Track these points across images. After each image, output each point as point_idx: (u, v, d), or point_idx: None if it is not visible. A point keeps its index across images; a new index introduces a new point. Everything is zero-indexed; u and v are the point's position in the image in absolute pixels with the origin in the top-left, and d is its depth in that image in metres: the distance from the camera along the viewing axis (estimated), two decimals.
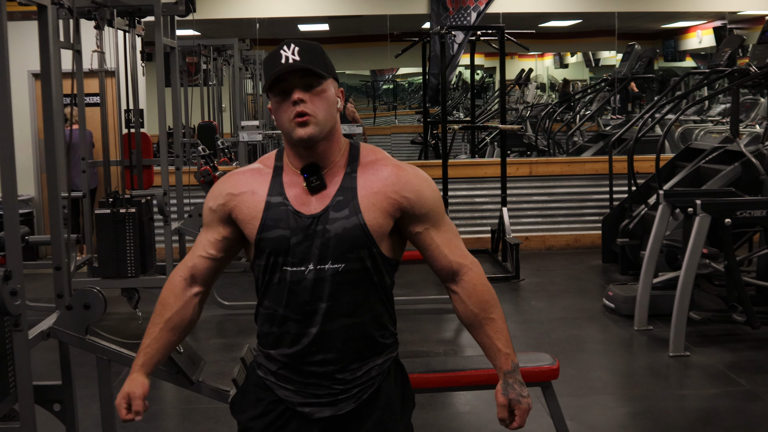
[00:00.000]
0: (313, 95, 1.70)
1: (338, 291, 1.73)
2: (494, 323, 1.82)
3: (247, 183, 1.79)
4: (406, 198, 1.76)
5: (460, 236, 1.87)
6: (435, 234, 1.80)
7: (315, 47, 1.73)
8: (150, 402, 4.31)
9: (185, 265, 1.90)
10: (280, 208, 1.74)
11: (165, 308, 1.89)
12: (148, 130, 6.91)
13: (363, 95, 12.73)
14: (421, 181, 1.80)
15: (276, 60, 1.70)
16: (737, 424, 3.72)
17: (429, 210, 1.78)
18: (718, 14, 9.19)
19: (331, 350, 1.76)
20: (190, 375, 2.63)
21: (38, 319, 2.81)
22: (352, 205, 1.72)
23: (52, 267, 2.83)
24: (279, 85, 1.70)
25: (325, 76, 1.71)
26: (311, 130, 1.69)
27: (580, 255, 7.46)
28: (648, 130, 6.74)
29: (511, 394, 1.86)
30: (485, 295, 1.82)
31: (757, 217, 4.68)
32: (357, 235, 1.72)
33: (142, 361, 1.86)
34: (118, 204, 5.12)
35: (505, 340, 1.83)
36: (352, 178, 1.76)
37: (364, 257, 1.74)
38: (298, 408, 1.79)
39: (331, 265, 1.72)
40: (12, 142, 2.43)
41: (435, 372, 3.01)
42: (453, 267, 1.82)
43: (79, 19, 4.74)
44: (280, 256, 1.74)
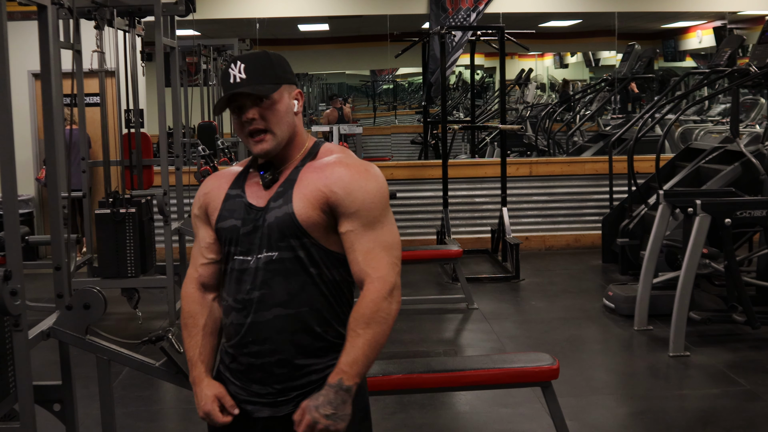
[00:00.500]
0: (263, 110, 1.76)
1: (271, 279, 1.76)
2: (356, 338, 1.71)
3: (217, 182, 1.90)
4: (334, 193, 1.74)
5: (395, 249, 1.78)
6: (357, 238, 1.75)
7: (260, 61, 1.78)
8: (150, 402, 4.32)
9: (192, 278, 1.92)
10: (236, 200, 1.83)
11: (195, 318, 1.90)
12: (148, 130, 6.91)
13: (363, 95, 12.73)
14: (358, 179, 1.76)
15: (226, 80, 1.77)
16: (737, 424, 3.72)
17: (358, 210, 1.74)
18: (718, 14, 9.19)
19: (266, 341, 1.77)
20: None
21: (38, 319, 2.81)
22: (286, 196, 1.77)
23: (52, 267, 2.83)
24: (232, 104, 1.78)
25: (268, 93, 1.76)
26: (266, 145, 1.77)
27: (580, 255, 7.46)
28: (648, 130, 6.74)
29: (311, 401, 1.70)
30: (365, 310, 1.72)
31: (757, 217, 4.68)
32: (287, 224, 1.75)
33: (203, 369, 1.86)
34: (118, 204, 5.12)
35: (353, 359, 1.70)
36: (298, 171, 1.80)
37: (295, 247, 1.75)
38: (242, 405, 1.82)
39: (266, 253, 1.76)
40: (12, 142, 2.43)
41: (435, 372, 3.01)
42: (361, 276, 1.76)
43: (79, 19, 4.75)
44: (232, 245, 1.81)
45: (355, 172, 1.77)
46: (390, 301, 1.73)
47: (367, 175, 1.77)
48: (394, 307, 1.74)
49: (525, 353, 3.42)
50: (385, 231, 1.77)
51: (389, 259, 1.76)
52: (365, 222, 1.75)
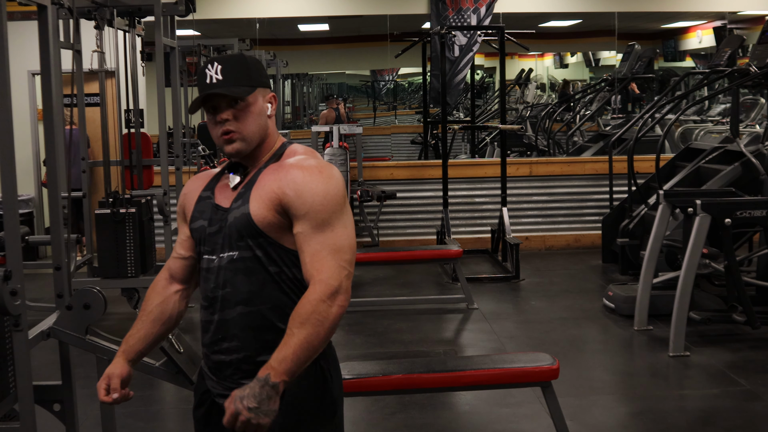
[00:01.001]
0: (238, 111, 1.80)
1: (233, 278, 1.81)
2: (289, 337, 1.69)
3: (195, 183, 1.96)
4: (286, 194, 1.76)
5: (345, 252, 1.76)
6: (306, 240, 1.75)
7: (236, 63, 1.82)
8: (150, 402, 4.31)
9: (165, 267, 2.02)
10: (206, 201, 1.89)
11: (147, 303, 2.00)
12: (148, 130, 6.91)
13: (363, 95, 12.74)
14: (310, 180, 1.76)
15: (202, 80, 1.81)
16: (737, 424, 3.72)
17: (307, 212, 1.75)
18: (718, 14, 9.19)
19: (233, 338, 1.83)
20: (190, 375, 2.63)
21: (38, 319, 2.81)
22: (245, 197, 1.81)
23: (52, 267, 2.83)
24: (207, 104, 1.82)
25: (246, 95, 1.79)
26: (237, 146, 1.81)
27: (580, 255, 7.46)
28: (648, 130, 6.74)
29: (237, 391, 1.65)
30: (302, 310, 1.71)
31: (757, 217, 4.68)
32: (244, 224, 1.79)
33: (123, 348, 1.96)
34: (118, 204, 5.12)
35: (282, 356, 1.67)
36: (259, 173, 1.84)
37: (253, 246, 1.79)
38: (216, 399, 1.89)
39: (228, 252, 1.82)
40: (12, 142, 2.43)
41: (435, 372, 3.01)
42: (307, 277, 1.76)
43: (79, 19, 4.74)
44: (201, 245, 1.89)
45: (308, 173, 1.77)
46: (329, 305, 1.71)
47: (320, 177, 1.77)
48: (333, 311, 1.71)
49: (525, 353, 3.42)
50: (335, 234, 1.76)
51: (336, 262, 1.74)
52: (315, 224, 1.75)
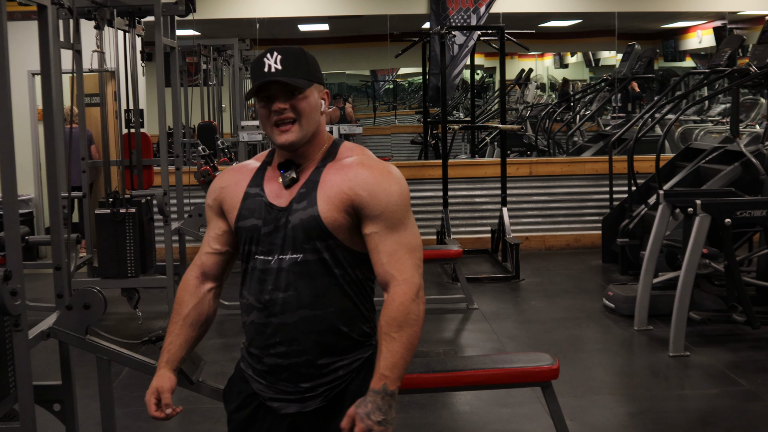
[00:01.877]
0: (294, 102, 1.76)
1: (296, 282, 1.77)
2: (391, 342, 1.72)
3: (234, 177, 1.89)
4: (359, 195, 1.75)
5: (418, 250, 1.80)
6: (381, 239, 1.76)
7: (297, 55, 1.79)
8: None
9: (195, 264, 1.96)
10: (256, 199, 1.82)
11: (181, 306, 1.94)
12: (148, 130, 6.91)
13: (363, 95, 12.73)
14: (381, 181, 1.76)
15: (260, 68, 1.76)
16: (737, 424, 3.72)
17: (382, 212, 1.75)
18: (718, 14, 9.19)
19: (293, 342, 1.79)
20: (190, 375, 2.63)
21: (38, 319, 2.81)
22: (310, 198, 1.77)
23: (52, 267, 2.83)
24: (262, 93, 1.77)
25: (305, 87, 1.77)
26: (291, 136, 1.77)
27: (580, 255, 7.46)
28: (648, 130, 6.74)
29: (360, 409, 1.70)
30: (396, 313, 1.73)
31: (757, 217, 4.68)
32: (312, 226, 1.75)
33: (166, 358, 1.91)
34: (118, 204, 5.12)
35: (391, 363, 1.71)
36: (319, 172, 1.80)
37: (320, 249, 1.76)
38: (268, 402, 1.85)
39: (291, 255, 1.77)
40: (12, 142, 2.43)
41: (435, 372, 3.01)
42: (386, 278, 1.76)
43: (79, 19, 4.74)
44: (253, 244, 1.82)
45: (378, 174, 1.77)
46: (417, 303, 1.74)
47: (390, 177, 1.78)
48: (421, 308, 1.76)
49: (525, 353, 3.42)
50: (408, 233, 1.78)
51: (413, 261, 1.77)
52: (389, 224, 1.76)
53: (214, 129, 8.14)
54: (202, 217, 5.79)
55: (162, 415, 1.87)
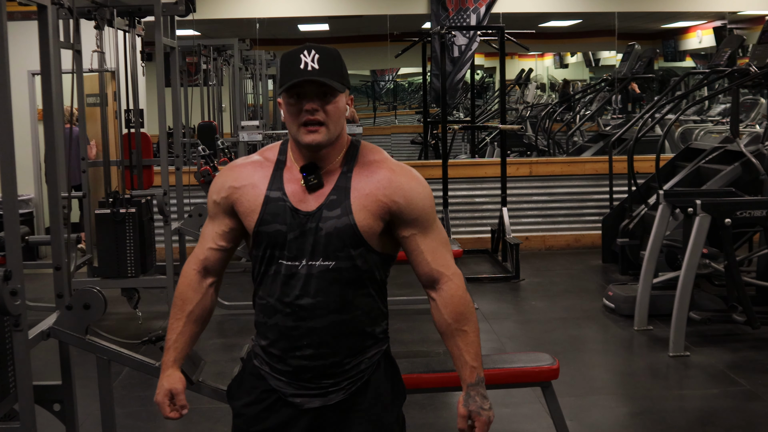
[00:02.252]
0: (325, 103, 1.75)
1: (327, 288, 1.78)
2: (466, 336, 1.83)
3: (248, 176, 1.85)
4: (396, 202, 1.79)
5: (449, 243, 1.89)
6: (421, 240, 1.82)
7: (334, 57, 1.77)
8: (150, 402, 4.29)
9: (197, 258, 1.94)
10: (279, 204, 1.80)
11: (185, 302, 1.92)
12: (148, 130, 6.90)
13: (363, 95, 12.73)
14: (414, 186, 1.82)
15: (295, 64, 1.73)
16: (737, 424, 3.72)
17: (418, 216, 1.81)
18: (718, 14, 9.19)
19: (323, 345, 1.81)
20: (190, 375, 2.62)
21: (38, 319, 2.81)
22: (344, 206, 1.77)
23: (52, 267, 2.83)
24: (294, 89, 1.74)
25: (340, 91, 1.76)
26: (319, 137, 1.75)
27: (580, 255, 7.46)
28: (648, 130, 6.74)
29: (471, 405, 1.85)
30: (461, 307, 1.83)
31: (757, 217, 4.68)
32: (348, 235, 1.77)
33: (173, 357, 1.90)
34: (118, 204, 5.12)
35: (474, 353, 1.84)
36: (347, 178, 1.80)
37: (354, 256, 1.78)
38: (289, 398, 1.85)
39: (322, 262, 1.78)
40: (12, 142, 2.43)
41: (435, 372, 3.01)
42: (434, 275, 1.84)
43: (79, 19, 4.74)
44: (277, 249, 1.80)
45: (410, 179, 1.82)
46: (467, 293, 1.87)
47: (419, 181, 1.84)
48: (469, 297, 1.87)
49: (525, 353, 3.42)
50: (439, 229, 1.87)
51: (450, 254, 1.87)
52: (426, 224, 1.83)
53: (214, 129, 8.14)
54: (202, 217, 5.79)
55: (177, 416, 1.88)
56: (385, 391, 1.89)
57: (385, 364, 1.90)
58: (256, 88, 9.92)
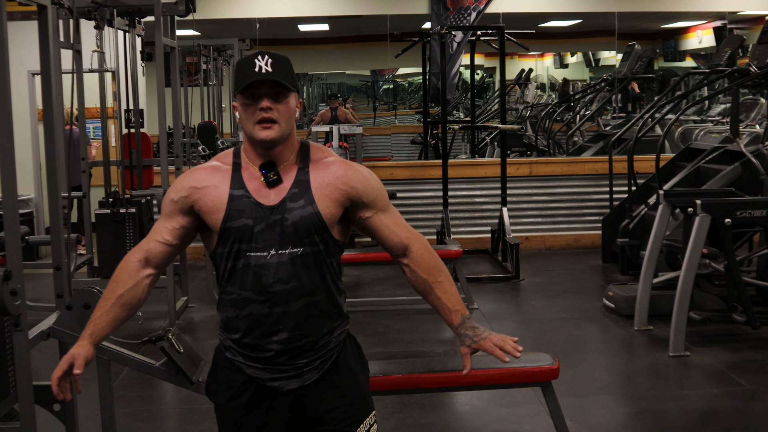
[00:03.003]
0: (278, 104, 1.91)
1: (298, 273, 1.93)
2: (441, 285, 2.02)
3: (209, 178, 1.98)
4: (354, 188, 1.97)
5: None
6: (383, 216, 2.02)
7: (286, 62, 1.94)
8: (150, 402, 4.31)
9: (141, 249, 2.02)
10: (243, 200, 1.94)
11: (118, 285, 1.99)
12: (148, 130, 6.91)
13: (363, 95, 12.74)
14: (365, 173, 2.02)
15: (250, 68, 1.90)
16: (737, 424, 3.72)
17: (376, 197, 2.00)
18: (718, 14, 9.19)
19: (296, 328, 1.94)
20: (190, 375, 2.63)
21: (38, 319, 2.81)
22: (307, 196, 1.94)
23: (52, 267, 2.83)
24: (250, 90, 1.91)
25: (292, 90, 1.93)
26: (273, 133, 1.91)
27: (580, 255, 7.46)
28: (648, 130, 6.74)
29: (467, 341, 2.03)
30: (431, 261, 2.02)
31: (757, 217, 4.68)
32: (313, 222, 1.93)
33: (90, 331, 1.96)
34: (118, 204, 5.12)
35: (454, 299, 2.02)
36: (305, 173, 1.97)
37: (317, 242, 1.95)
38: (268, 383, 1.97)
39: (291, 249, 1.93)
40: (12, 142, 2.43)
41: (435, 372, 3.01)
42: (403, 242, 2.03)
43: (79, 19, 4.74)
44: (244, 243, 1.93)
45: (360, 169, 2.03)
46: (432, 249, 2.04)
47: (367, 171, 2.04)
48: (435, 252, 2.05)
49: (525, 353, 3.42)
50: (392, 206, 2.07)
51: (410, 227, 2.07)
52: (382, 205, 2.02)
53: (214, 129, 8.15)
54: None
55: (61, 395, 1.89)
56: (354, 367, 2.06)
57: (350, 342, 2.08)
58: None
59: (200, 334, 5.28)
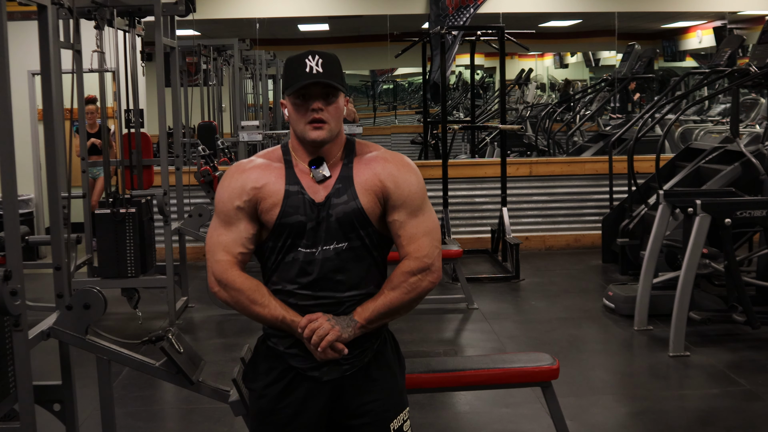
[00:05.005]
0: (328, 103, 1.95)
1: (345, 266, 1.97)
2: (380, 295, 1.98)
3: (265, 176, 2.00)
4: (386, 186, 1.98)
5: (436, 232, 2.03)
6: (403, 225, 1.99)
7: (336, 61, 1.97)
8: (150, 402, 4.31)
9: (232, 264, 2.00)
10: (298, 196, 1.97)
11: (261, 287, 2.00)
12: (148, 130, 6.91)
13: (363, 95, 12.73)
14: (403, 172, 2.00)
15: (301, 68, 1.92)
16: (737, 424, 3.72)
17: (405, 200, 1.99)
18: (718, 14, 9.19)
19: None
20: (190, 375, 2.63)
21: (38, 319, 2.81)
22: (350, 192, 1.97)
23: (52, 267, 2.83)
24: (301, 90, 1.93)
25: (342, 91, 1.97)
26: (324, 134, 1.95)
27: (580, 255, 7.46)
28: (648, 130, 6.74)
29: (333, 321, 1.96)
30: (396, 278, 1.98)
31: (757, 217, 4.68)
32: (356, 217, 1.96)
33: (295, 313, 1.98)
34: (118, 204, 5.12)
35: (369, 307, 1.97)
36: (349, 168, 2.00)
37: (363, 236, 1.98)
38: (308, 372, 2.00)
39: (336, 244, 1.96)
40: (12, 142, 2.43)
41: (435, 372, 3.01)
42: (404, 254, 2.01)
43: (79, 19, 4.75)
44: (297, 238, 1.97)
45: (400, 166, 2.01)
46: (420, 279, 1.99)
47: (410, 169, 2.03)
48: (423, 285, 2.00)
49: (525, 353, 3.42)
50: (425, 217, 2.02)
51: (430, 241, 2.01)
52: (410, 211, 2.00)
53: (214, 129, 8.14)
54: (202, 217, 5.80)
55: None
56: (393, 362, 2.09)
57: (390, 338, 2.12)
58: (256, 88, 9.93)
59: (200, 334, 5.28)
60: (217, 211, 2.03)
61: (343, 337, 1.93)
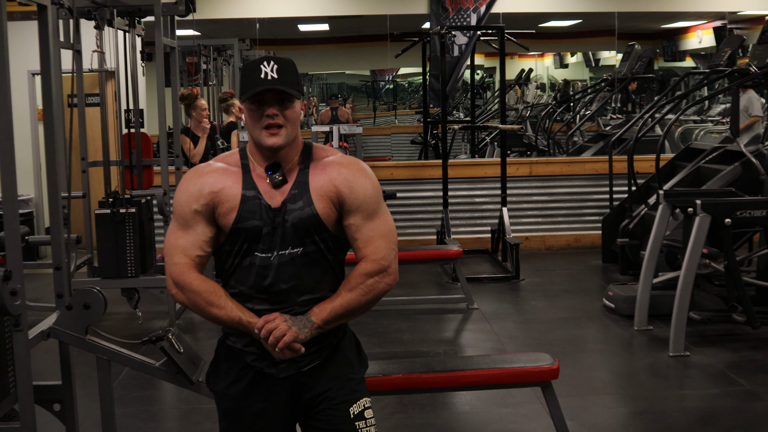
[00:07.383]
0: (284, 109, 1.97)
1: (299, 272, 1.99)
2: (337, 296, 1.99)
3: (222, 180, 2.02)
4: (341, 192, 2.00)
5: (392, 234, 2.04)
6: (359, 229, 2.01)
7: (291, 66, 1.98)
8: (150, 402, 4.31)
9: (189, 266, 2.03)
10: (255, 201, 1.99)
11: (217, 289, 2.00)
12: (148, 130, 6.91)
13: (363, 95, 12.74)
14: (358, 177, 2.02)
15: (256, 74, 1.94)
16: (737, 424, 3.72)
17: (360, 205, 2.00)
18: (718, 14, 9.19)
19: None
20: (190, 375, 2.63)
21: (38, 319, 2.81)
22: (305, 198, 1.99)
23: (52, 267, 2.83)
24: (256, 96, 1.95)
25: (297, 96, 1.98)
26: (279, 140, 1.96)
27: (580, 255, 7.46)
28: (648, 130, 6.74)
29: (290, 321, 1.96)
30: (353, 279, 1.99)
31: (757, 217, 4.68)
32: (311, 223, 1.98)
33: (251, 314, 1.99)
34: (118, 204, 5.12)
35: (326, 307, 1.98)
36: (305, 174, 2.02)
37: (318, 241, 2.00)
38: (266, 370, 2.02)
39: (291, 249, 1.98)
40: (12, 142, 2.43)
41: (435, 372, 3.01)
42: (361, 257, 2.02)
43: (79, 19, 4.74)
44: (253, 243, 1.98)
45: (355, 171, 2.02)
46: (377, 280, 2.00)
47: (364, 173, 2.04)
48: (380, 287, 2.01)
49: (525, 353, 3.42)
50: (381, 220, 2.03)
51: (386, 244, 2.03)
52: (366, 215, 2.01)
53: (214, 129, 8.13)
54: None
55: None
56: (352, 356, 2.11)
57: (350, 334, 2.15)
58: None
59: (200, 334, 5.28)
60: (175, 214, 2.05)
61: (299, 337, 1.95)
